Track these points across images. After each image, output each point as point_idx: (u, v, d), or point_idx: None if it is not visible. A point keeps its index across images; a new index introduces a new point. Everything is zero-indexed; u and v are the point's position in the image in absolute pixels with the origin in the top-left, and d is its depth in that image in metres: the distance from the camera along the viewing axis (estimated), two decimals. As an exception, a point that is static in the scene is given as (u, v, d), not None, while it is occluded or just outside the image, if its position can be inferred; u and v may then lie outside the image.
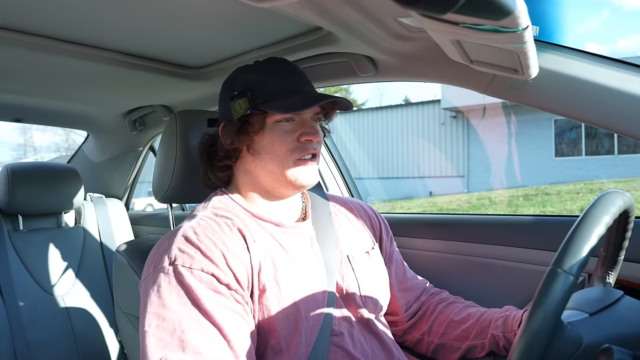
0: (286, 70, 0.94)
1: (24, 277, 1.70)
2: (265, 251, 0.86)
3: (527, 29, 0.64)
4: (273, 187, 0.94)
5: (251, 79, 0.93)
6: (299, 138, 0.90)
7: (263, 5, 0.61)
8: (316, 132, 0.91)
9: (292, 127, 0.91)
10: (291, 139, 0.90)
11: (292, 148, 0.90)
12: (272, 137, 0.90)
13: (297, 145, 0.90)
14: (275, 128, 0.90)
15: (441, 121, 13.90)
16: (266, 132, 0.90)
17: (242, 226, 0.87)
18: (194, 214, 0.92)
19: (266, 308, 0.82)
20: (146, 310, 0.76)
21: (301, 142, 0.90)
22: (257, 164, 0.92)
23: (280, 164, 0.90)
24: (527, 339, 0.55)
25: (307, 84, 0.96)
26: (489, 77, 1.02)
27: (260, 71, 0.94)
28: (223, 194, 0.96)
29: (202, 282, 0.76)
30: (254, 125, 0.89)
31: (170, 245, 0.81)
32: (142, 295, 0.80)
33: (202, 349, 0.71)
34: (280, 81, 0.92)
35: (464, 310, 1.06)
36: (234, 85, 0.94)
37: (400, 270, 1.14)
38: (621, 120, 0.87)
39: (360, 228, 1.09)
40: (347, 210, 1.11)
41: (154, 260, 0.82)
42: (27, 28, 1.08)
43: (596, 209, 0.61)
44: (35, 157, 19.65)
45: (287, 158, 0.90)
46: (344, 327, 0.90)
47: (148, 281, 0.80)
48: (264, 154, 0.90)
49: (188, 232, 0.82)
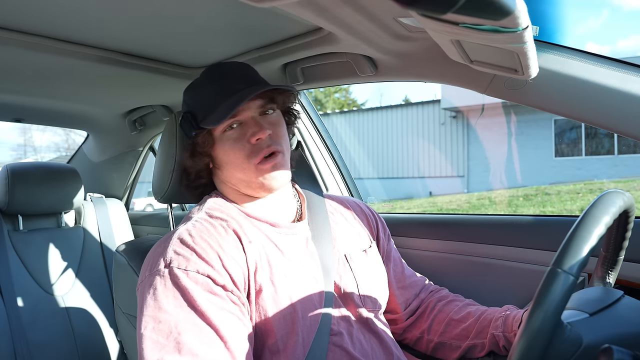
0: (221, 74, 0.93)
1: (24, 277, 1.70)
2: (261, 252, 0.86)
3: (527, 29, 0.64)
4: (252, 191, 0.94)
5: (190, 98, 0.96)
6: (249, 140, 0.89)
7: (263, 5, 0.61)
8: (261, 128, 0.88)
9: (240, 131, 0.90)
10: (242, 144, 0.89)
11: (248, 153, 0.89)
12: (224, 148, 0.91)
13: (251, 148, 0.89)
14: (224, 139, 0.90)
15: (441, 121, 13.90)
16: (217, 145, 0.91)
17: (237, 227, 0.87)
18: (189, 216, 0.92)
19: (262, 309, 0.82)
20: (142, 313, 0.76)
21: (253, 144, 0.89)
22: (225, 175, 0.94)
23: (243, 171, 0.90)
24: (527, 339, 0.55)
25: (243, 81, 0.93)
26: (488, 77, 1.02)
27: (197, 87, 0.96)
28: (217, 196, 0.96)
29: (198, 284, 0.76)
30: (204, 144, 0.91)
31: (165, 248, 0.81)
32: (139, 298, 0.80)
33: (198, 350, 0.71)
34: (213, 91, 0.92)
35: (463, 309, 1.06)
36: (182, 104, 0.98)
37: (399, 267, 1.14)
38: (621, 120, 0.87)
39: (357, 226, 1.09)
40: (344, 209, 1.11)
41: (150, 263, 0.82)
42: (26, 28, 1.08)
43: (596, 209, 0.61)
44: (35, 157, 19.65)
45: (247, 165, 0.89)
46: (343, 326, 0.90)
47: (144, 284, 0.80)
48: (226, 165, 0.92)
49: (183, 234, 0.82)
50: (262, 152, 0.88)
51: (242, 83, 0.92)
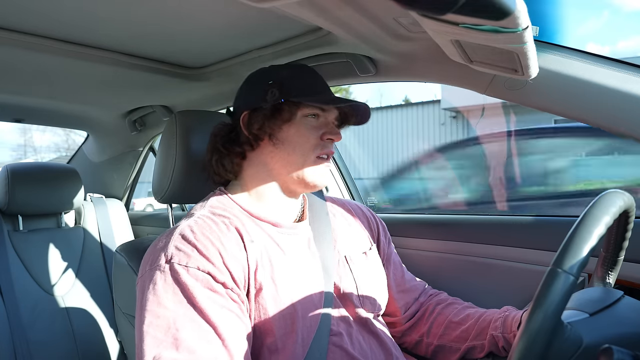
0: (314, 73, 0.99)
1: (24, 277, 1.70)
2: (262, 251, 0.86)
3: (527, 29, 0.64)
4: (284, 182, 0.94)
5: (284, 74, 0.95)
6: (322, 136, 0.93)
7: (263, 5, 0.61)
8: (338, 132, 0.95)
9: (317, 124, 0.94)
10: (316, 135, 0.93)
11: (315, 144, 0.92)
12: (299, 129, 0.92)
13: (319, 142, 0.93)
14: (303, 122, 0.93)
15: (441, 121, 13.89)
16: (294, 124, 0.92)
17: (239, 225, 0.87)
18: (191, 212, 0.92)
19: (262, 307, 0.82)
20: (141, 308, 0.77)
21: (323, 141, 0.93)
22: (276, 154, 0.93)
23: (302, 156, 0.92)
24: (527, 340, 0.55)
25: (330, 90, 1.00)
26: (488, 77, 1.02)
27: (291, 69, 0.97)
28: (221, 194, 0.96)
29: (198, 281, 0.76)
30: (284, 115, 0.91)
31: (167, 243, 0.81)
32: (138, 293, 0.80)
33: (196, 347, 0.71)
34: (309, 80, 0.96)
35: (462, 311, 1.06)
36: (264, 76, 0.96)
37: (399, 272, 1.14)
38: (621, 121, 0.87)
39: (357, 229, 1.09)
40: (345, 212, 1.11)
41: (151, 258, 0.82)
42: (27, 28, 1.08)
43: (596, 209, 0.61)
44: (35, 157, 19.62)
45: (308, 153, 0.92)
46: (343, 327, 0.90)
47: (145, 279, 0.80)
48: (288, 145, 0.92)
49: (185, 230, 0.82)
50: (325, 149, 0.93)
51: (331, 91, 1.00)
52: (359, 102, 0.94)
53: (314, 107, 0.92)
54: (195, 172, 1.09)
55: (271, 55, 1.24)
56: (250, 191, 0.95)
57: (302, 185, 0.94)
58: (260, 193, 0.95)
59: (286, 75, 0.94)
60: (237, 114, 0.96)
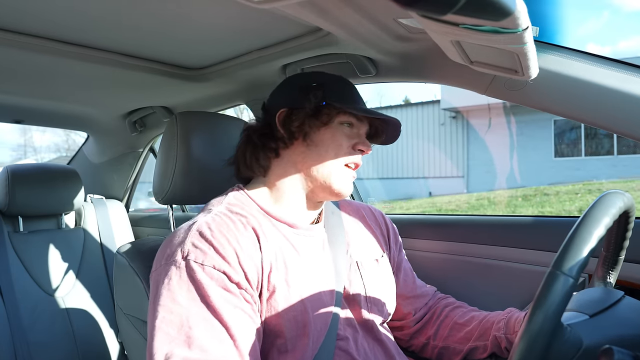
0: (352, 85, 1.00)
1: (24, 278, 1.70)
2: (277, 252, 0.86)
3: (527, 29, 0.64)
4: (310, 187, 0.94)
5: (325, 79, 0.97)
6: (354, 145, 0.94)
7: (263, 6, 0.61)
8: (369, 145, 0.97)
9: (351, 133, 0.95)
10: (348, 143, 0.94)
11: (346, 152, 0.94)
12: (334, 134, 0.93)
13: (351, 151, 0.94)
14: (339, 128, 0.94)
15: (441, 122, 13.89)
16: (330, 128, 0.93)
17: (256, 225, 0.86)
18: (209, 208, 0.91)
19: (274, 309, 0.82)
20: (155, 302, 0.76)
21: (354, 150, 0.94)
22: (307, 155, 0.93)
23: (332, 161, 0.92)
24: (527, 341, 0.55)
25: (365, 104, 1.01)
26: (489, 77, 1.02)
27: (331, 77, 0.99)
28: (240, 190, 0.95)
29: (213, 279, 0.76)
30: (322, 118, 0.92)
31: (184, 239, 0.80)
32: (152, 286, 0.80)
33: (208, 346, 0.72)
34: (349, 90, 0.98)
35: (468, 314, 1.07)
36: (306, 78, 0.97)
37: (410, 278, 1.15)
38: (621, 121, 0.87)
39: (370, 235, 1.09)
40: (359, 216, 1.11)
41: (167, 252, 0.81)
42: (27, 29, 1.08)
43: (596, 210, 0.60)
44: (36, 158, 19.62)
45: (339, 159, 0.93)
46: (349, 332, 0.90)
47: (160, 272, 0.79)
48: (321, 147, 0.92)
49: (203, 227, 0.81)
50: (355, 159, 0.95)
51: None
52: (395, 119, 0.96)
53: (351, 115, 0.93)
54: (195, 172, 1.09)
55: (271, 56, 1.24)
56: (272, 190, 0.95)
57: (328, 192, 0.94)
58: (282, 193, 0.94)
59: (328, 81, 0.96)
60: (273, 111, 0.95)
